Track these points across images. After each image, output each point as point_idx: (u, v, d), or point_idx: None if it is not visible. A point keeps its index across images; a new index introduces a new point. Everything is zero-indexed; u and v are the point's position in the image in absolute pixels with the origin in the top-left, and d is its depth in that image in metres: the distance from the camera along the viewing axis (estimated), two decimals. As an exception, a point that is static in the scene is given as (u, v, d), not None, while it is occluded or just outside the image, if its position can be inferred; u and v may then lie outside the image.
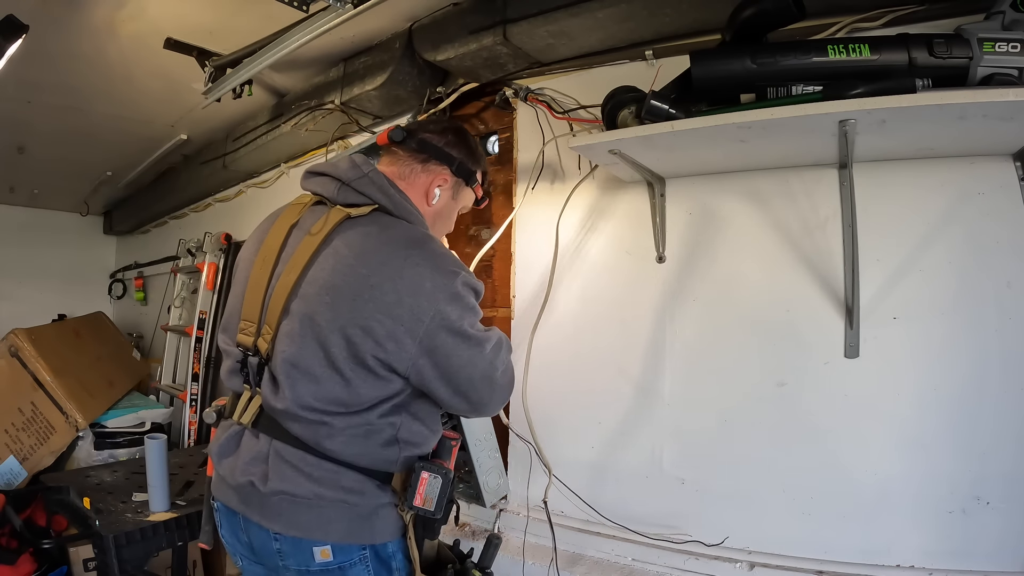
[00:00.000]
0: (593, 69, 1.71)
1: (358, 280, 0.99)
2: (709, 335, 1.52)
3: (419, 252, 1.02)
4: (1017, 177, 1.24)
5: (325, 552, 1.05)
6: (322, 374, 1.00)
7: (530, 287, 1.79)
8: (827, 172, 1.36)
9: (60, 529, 2.14)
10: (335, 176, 1.10)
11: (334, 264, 1.01)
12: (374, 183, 1.09)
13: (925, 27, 1.23)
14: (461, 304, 1.02)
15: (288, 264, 1.05)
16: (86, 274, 4.73)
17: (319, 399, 1.01)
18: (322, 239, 1.03)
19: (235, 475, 1.08)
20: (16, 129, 2.83)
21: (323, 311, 0.99)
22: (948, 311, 1.28)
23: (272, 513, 1.05)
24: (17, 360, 2.67)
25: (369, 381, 1.01)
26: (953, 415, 1.27)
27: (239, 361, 1.10)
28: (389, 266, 0.99)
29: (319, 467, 1.03)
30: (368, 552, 1.08)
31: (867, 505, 1.32)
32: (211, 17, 1.88)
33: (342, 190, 1.08)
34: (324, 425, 1.02)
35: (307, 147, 2.50)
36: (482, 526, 1.81)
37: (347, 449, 1.04)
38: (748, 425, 1.45)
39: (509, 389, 1.13)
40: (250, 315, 1.08)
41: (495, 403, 1.12)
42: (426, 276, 1.00)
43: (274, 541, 1.07)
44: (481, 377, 1.06)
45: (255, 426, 1.08)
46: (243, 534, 1.13)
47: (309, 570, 1.06)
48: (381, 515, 1.07)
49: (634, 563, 1.56)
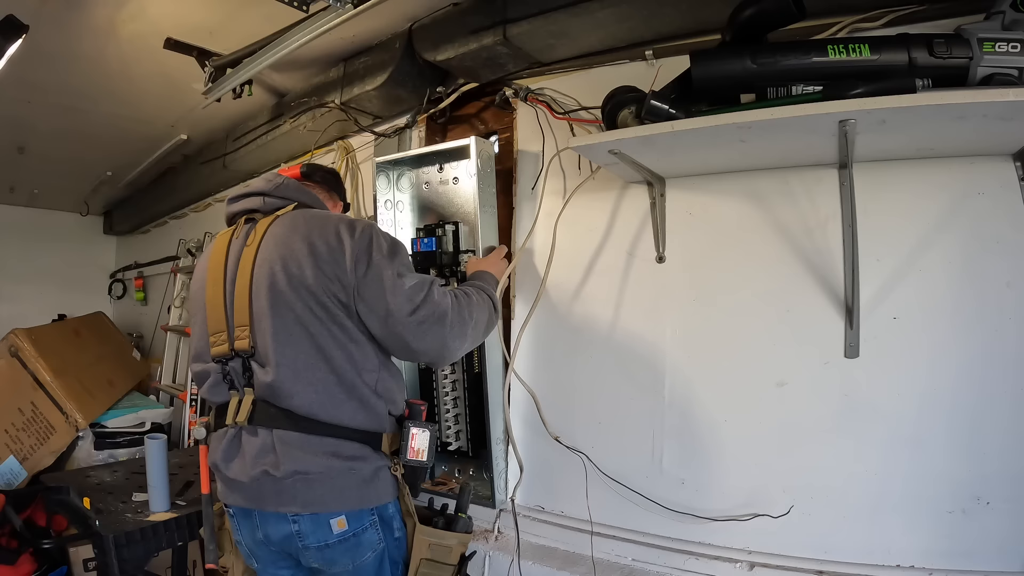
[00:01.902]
0: (593, 69, 1.71)
1: (297, 247, 1.17)
2: (709, 335, 1.52)
3: (338, 217, 1.24)
4: (1017, 177, 1.24)
5: (341, 522, 1.17)
6: (298, 332, 1.15)
7: (530, 287, 1.79)
8: (827, 172, 1.36)
9: (60, 529, 2.14)
10: (257, 192, 1.32)
11: (273, 247, 1.20)
12: (290, 187, 1.33)
13: (925, 27, 1.23)
14: (380, 247, 1.20)
15: (238, 272, 1.22)
16: (86, 274, 4.74)
17: (304, 359, 1.15)
18: (259, 242, 1.22)
19: (247, 471, 1.18)
20: (16, 129, 2.83)
21: (280, 283, 1.16)
22: (948, 311, 1.28)
23: (288, 496, 1.15)
24: (17, 360, 2.67)
25: (335, 331, 1.16)
26: (953, 415, 1.27)
27: (219, 373, 1.22)
28: (317, 229, 1.19)
29: (321, 444, 1.15)
30: (375, 515, 1.21)
31: (867, 505, 1.32)
32: (211, 17, 1.88)
33: (267, 200, 1.30)
34: (315, 389, 1.15)
35: (307, 147, 2.50)
36: (482, 526, 1.81)
37: (341, 413, 1.17)
38: (748, 425, 1.45)
39: (434, 323, 1.20)
40: (217, 328, 1.22)
41: (409, 325, 1.17)
42: (347, 227, 1.20)
43: (292, 524, 1.17)
44: (404, 300, 1.17)
45: (251, 423, 1.18)
46: (259, 531, 1.22)
47: (328, 544, 1.18)
48: (381, 477, 1.21)
49: (634, 563, 1.56)
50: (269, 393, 1.17)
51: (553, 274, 1.73)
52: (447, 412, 1.81)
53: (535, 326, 1.76)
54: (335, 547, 1.18)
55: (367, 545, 1.21)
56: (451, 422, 1.83)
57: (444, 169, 1.81)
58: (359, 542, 1.20)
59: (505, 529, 1.78)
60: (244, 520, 1.24)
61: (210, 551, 1.36)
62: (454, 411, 1.82)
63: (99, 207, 4.58)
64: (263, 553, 1.26)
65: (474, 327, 1.28)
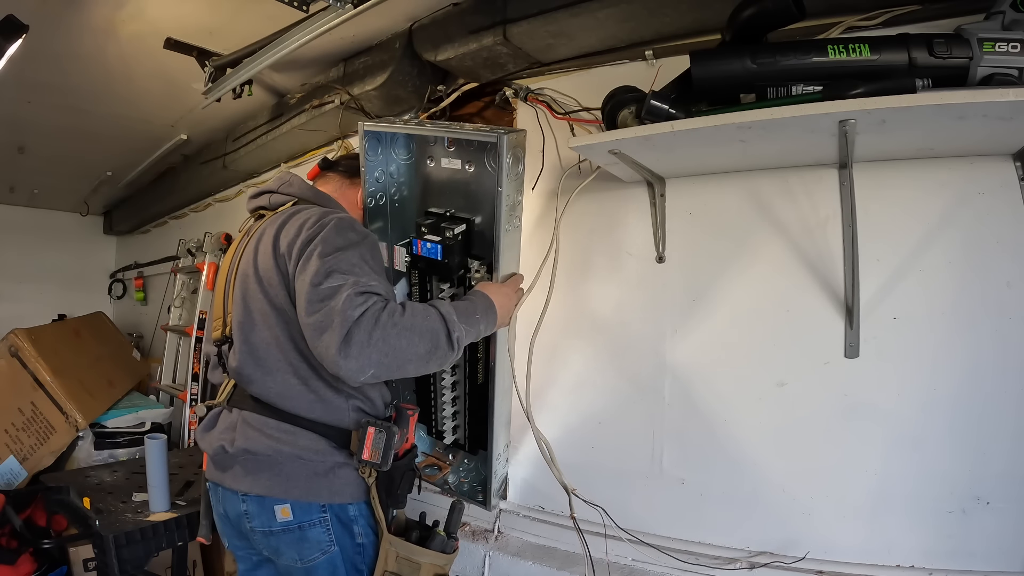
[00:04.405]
0: (593, 69, 1.71)
1: (269, 243, 1.22)
2: (709, 335, 1.52)
3: (315, 213, 1.21)
4: (1017, 177, 1.24)
5: (285, 511, 1.16)
6: (260, 323, 1.20)
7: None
8: (827, 172, 1.35)
9: (60, 529, 2.14)
10: (267, 190, 1.38)
11: (256, 242, 1.26)
12: (293, 184, 1.37)
13: (925, 27, 1.23)
14: (327, 241, 1.14)
15: (231, 265, 1.31)
16: (86, 274, 4.74)
17: (264, 348, 1.19)
18: (252, 236, 1.29)
19: (212, 445, 1.24)
20: (16, 129, 2.83)
21: (250, 277, 1.22)
22: (948, 311, 1.28)
23: (239, 474, 1.19)
24: (17, 360, 2.67)
25: (292, 324, 1.16)
26: (953, 415, 1.27)
27: (216, 356, 1.29)
28: (288, 225, 1.22)
29: (278, 428, 1.17)
30: (328, 514, 1.18)
31: (867, 505, 1.32)
32: (211, 17, 1.88)
33: (272, 197, 1.36)
34: (273, 379, 1.18)
35: (307, 147, 2.50)
36: (482, 526, 1.81)
37: (298, 404, 1.18)
38: (748, 425, 1.45)
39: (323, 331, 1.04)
40: (217, 315, 1.32)
41: (307, 328, 1.07)
42: (311, 223, 1.18)
43: (242, 503, 1.19)
44: (315, 298, 1.08)
45: (229, 403, 1.24)
46: (220, 506, 1.27)
47: (271, 530, 1.18)
48: (339, 475, 1.19)
49: (634, 563, 1.56)
50: (237, 378, 1.23)
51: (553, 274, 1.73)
52: (443, 399, 1.70)
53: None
54: (279, 536, 1.17)
55: (314, 543, 1.17)
56: (448, 411, 1.70)
57: (456, 148, 1.41)
58: (304, 536, 1.17)
59: (505, 529, 1.78)
60: (213, 495, 1.30)
61: (202, 525, 1.40)
62: (451, 401, 1.74)
63: (99, 207, 4.58)
64: (226, 529, 1.30)
65: (390, 355, 1.04)
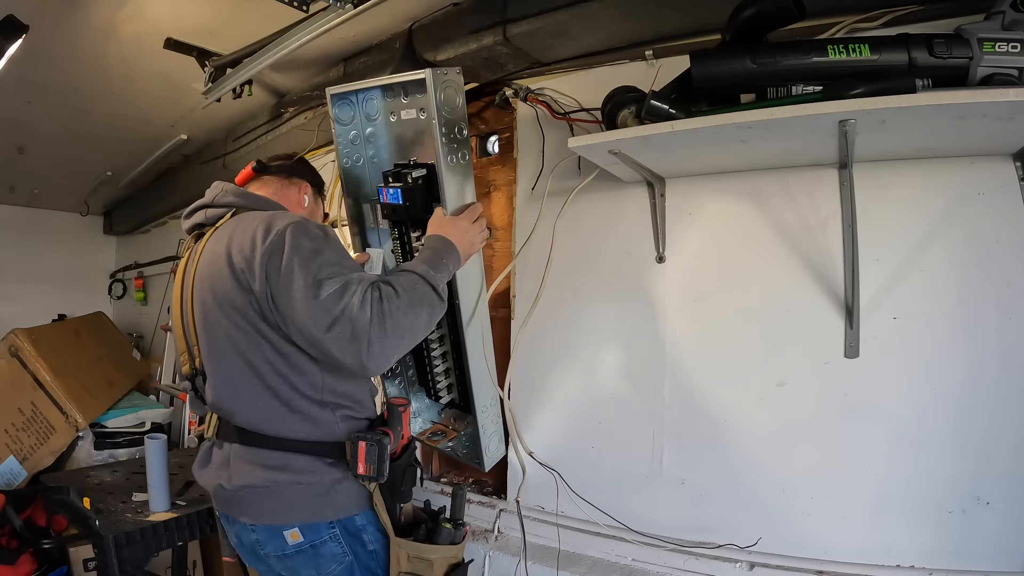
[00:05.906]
0: (593, 69, 1.71)
1: (221, 261, 1.16)
2: (709, 335, 1.52)
3: (264, 218, 1.17)
4: (1017, 177, 1.24)
5: (295, 534, 1.16)
6: (229, 350, 1.15)
7: (530, 287, 1.78)
8: (827, 172, 1.35)
9: (60, 529, 2.14)
10: (202, 205, 1.32)
11: (205, 263, 1.21)
12: (229, 193, 1.30)
13: (925, 27, 1.23)
14: (298, 248, 1.10)
15: (182, 292, 1.26)
16: (86, 274, 4.73)
17: (239, 377, 1.15)
18: (197, 259, 1.24)
19: (210, 483, 1.24)
20: (16, 129, 2.83)
21: (208, 302, 1.17)
22: (948, 311, 1.28)
23: (242, 507, 1.19)
24: (17, 360, 2.67)
25: (262, 345, 1.13)
26: (953, 415, 1.27)
27: (192, 390, 1.27)
28: (238, 237, 1.16)
29: (271, 457, 1.15)
30: (337, 528, 1.18)
31: (867, 505, 1.32)
32: (211, 17, 1.87)
33: (208, 212, 1.30)
34: (255, 406, 1.15)
35: (307, 147, 2.50)
36: (482, 526, 1.81)
37: (285, 428, 1.15)
38: (748, 425, 1.45)
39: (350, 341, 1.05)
40: (182, 348, 1.28)
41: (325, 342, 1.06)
42: (264, 230, 1.13)
43: (251, 533, 1.20)
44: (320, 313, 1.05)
45: (218, 437, 1.21)
46: (232, 535, 1.28)
47: (285, 554, 1.18)
48: (340, 490, 1.17)
49: (634, 563, 1.56)
50: (218, 412, 1.20)
51: (553, 274, 1.73)
52: (433, 354, 1.71)
53: (534, 326, 1.76)
54: (294, 557, 1.18)
55: (329, 557, 1.18)
56: (440, 367, 1.72)
57: (410, 98, 1.52)
58: (318, 554, 1.18)
59: (506, 529, 1.78)
60: (224, 522, 1.31)
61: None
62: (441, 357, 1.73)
63: (99, 207, 4.57)
64: (243, 553, 1.31)
65: (404, 335, 1.10)
